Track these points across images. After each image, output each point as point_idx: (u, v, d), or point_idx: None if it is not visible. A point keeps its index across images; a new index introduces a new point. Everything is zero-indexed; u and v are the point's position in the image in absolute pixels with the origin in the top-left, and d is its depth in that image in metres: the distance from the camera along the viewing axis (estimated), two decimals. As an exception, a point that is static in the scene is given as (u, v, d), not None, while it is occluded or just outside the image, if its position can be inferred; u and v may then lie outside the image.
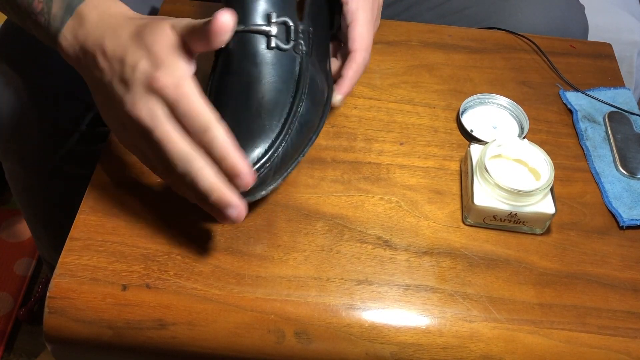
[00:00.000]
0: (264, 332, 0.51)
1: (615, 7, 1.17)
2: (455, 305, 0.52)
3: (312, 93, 0.56)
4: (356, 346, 0.51)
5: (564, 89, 0.71)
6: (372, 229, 0.57)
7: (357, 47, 0.59)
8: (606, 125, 0.67)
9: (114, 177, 0.59)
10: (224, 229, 0.56)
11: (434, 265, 0.55)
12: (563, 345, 0.51)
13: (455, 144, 0.64)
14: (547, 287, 0.54)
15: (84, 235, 0.54)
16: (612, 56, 0.76)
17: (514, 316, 0.52)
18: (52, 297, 0.51)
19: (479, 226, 0.58)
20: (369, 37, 0.60)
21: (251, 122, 0.53)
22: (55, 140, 0.75)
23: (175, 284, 0.52)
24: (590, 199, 0.61)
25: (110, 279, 0.52)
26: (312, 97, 0.56)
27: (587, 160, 0.64)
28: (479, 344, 0.51)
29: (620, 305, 0.53)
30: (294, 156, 0.54)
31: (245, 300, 0.51)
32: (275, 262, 0.54)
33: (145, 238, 0.54)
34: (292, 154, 0.54)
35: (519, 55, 0.74)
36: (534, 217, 0.56)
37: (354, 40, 0.59)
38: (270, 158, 0.52)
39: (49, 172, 0.79)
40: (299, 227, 0.56)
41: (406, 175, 0.61)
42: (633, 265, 0.56)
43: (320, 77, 0.58)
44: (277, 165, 0.52)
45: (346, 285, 0.53)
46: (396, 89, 0.69)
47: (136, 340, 0.51)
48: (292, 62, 0.55)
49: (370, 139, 0.64)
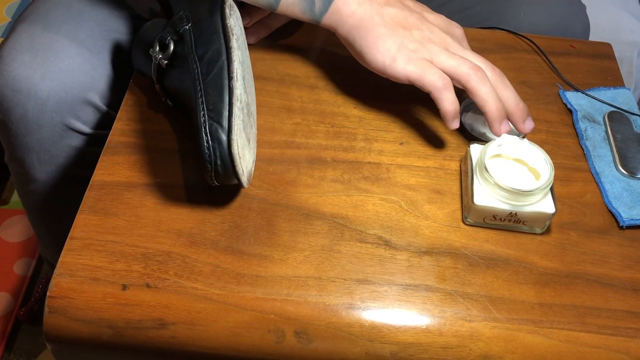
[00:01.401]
0: (264, 332, 0.51)
1: (615, 7, 1.17)
2: (455, 304, 0.52)
3: (198, 33, 0.58)
4: (356, 346, 0.51)
5: (564, 89, 0.71)
6: (372, 229, 0.57)
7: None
8: (606, 125, 0.67)
9: (114, 177, 0.59)
10: (224, 229, 0.56)
11: (434, 265, 0.55)
12: (563, 344, 0.51)
13: (455, 144, 0.64)
14: (547, 287, 0.54)
15: (84, 235, 0.54)
16: (612, 56, 0.76)
17: (514, 316, 0.52)
18: (52, 297, 0.51)
19: (479, 226, 0.58)
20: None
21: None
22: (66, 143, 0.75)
23: (175, 284, 0.52)
24: (590, 198, 0.61)
25: (110, 279, 0.52)
26: (200, 37, 0.57)
27: (587, 160, 0.64)
28: (479, 344, 0.51)
29: (620, 305, 0.53)
30: (222, 89, 0.54)
31: (245, 300, 0.52)
32: (275, 262, 0.54)
33: (145, 238, 0.55)
34: (218, 92, 0.54)
35: (519, 55, 0.74)
36: (534, 217, 0.56)
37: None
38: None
39: (58, 174, 0.79)
40: (299, 227, 0.56)
41: (406, 175, 0.61)
42: (633, 265, 0.56)
43: (203, 12, 0.59)
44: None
45: (346, 285, 0.53)
46: (396, 89, 0.69)
47: (136, 340, 0.51)
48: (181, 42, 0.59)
49: (370, 139, 0.64)
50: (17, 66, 0.70)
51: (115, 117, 0.64)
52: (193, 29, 0.58)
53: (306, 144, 0.63)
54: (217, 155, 0.53)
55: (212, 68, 0.55)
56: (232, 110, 0.53)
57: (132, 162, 0.60)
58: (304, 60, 0.71)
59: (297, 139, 0.63)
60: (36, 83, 0.70)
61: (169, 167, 0.60)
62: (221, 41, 0.56)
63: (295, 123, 0.65)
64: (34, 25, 0.73)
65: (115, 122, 0.63)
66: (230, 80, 0.54)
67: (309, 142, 0.63)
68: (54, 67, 0.71)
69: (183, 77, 0.58)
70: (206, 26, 0.58)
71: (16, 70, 0.70)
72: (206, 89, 0.54)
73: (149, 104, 0.65)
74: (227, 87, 0.54)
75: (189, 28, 0.59)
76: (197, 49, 0.57)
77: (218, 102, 0.53)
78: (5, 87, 0.71)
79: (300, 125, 0.65)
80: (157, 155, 0.60)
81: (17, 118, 0.72)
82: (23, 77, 0.70)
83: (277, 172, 0.60)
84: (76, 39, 0.72)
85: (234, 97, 0.53)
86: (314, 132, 0.64)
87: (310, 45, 0.73)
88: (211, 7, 0.59)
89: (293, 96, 0.67)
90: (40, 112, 0.72)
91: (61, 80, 0.71)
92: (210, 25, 0.57)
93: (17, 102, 0.71)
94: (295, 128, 0.64)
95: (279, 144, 0.63)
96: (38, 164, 0.78)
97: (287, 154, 0.62)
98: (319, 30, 0.66)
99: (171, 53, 0.59)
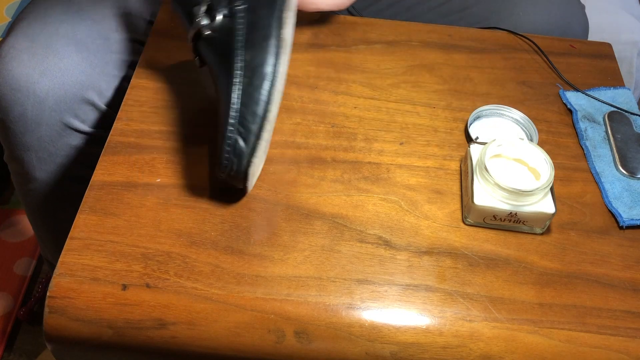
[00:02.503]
0: (264, 332, 0.51)
1: (615, 7, 1.17)
2: (455, 304, 0.52)
3: (252, 38, 0.55)
4: (356, 346, 0.51)
5: (564, 89, 0.71)
6: (372, 229, 0.57)
7: None
8: (606, 125, 0.67)
9: (114, 177, 0.59)
10: (224, 229, 0.56)
11: (434, 265, 0.55)
12: (563, 344, 0.51)
13: (455, 143, 0.64)
14: (547, 287, 0.54)
15: (84, 235, 0.54)
16: (612, 56, 0.76)
17: (514, 316, 0.52)
18: (53, 297, 0.51)
19: (479, 226, 0.58)
20: None
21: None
22: (65, 142, 0.75)
23: (175, 284, 0.52)
24: (590, 198, 0.61)
25: (110, 279, 0.52)
26: (252, 41, 0.55)
27: (587, 160, 0.64)
28: (479, 344, 0.51)
29: (620, 305, 0.53)
30: (261, 105, 0.53)
31: (245, 299, 0.52)
32: (275, 262, 0.54)
33: (145, 238, 0.55)
34: (256, 107, 0.53)
35: (519, 55, 0.74)
36: (534, 217, 0.56)
37: None
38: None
39: (57, 173, 0.79)
40: (299, 227, 0.56)
41: (406, 175, 0.61)
42: (633, 265, 0.56)
43: (262, 15, 0.56)
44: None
45: (346, 285, 0.53)
46: (396, 89, 0.69)
47: (136, 340, 0.51)
48: (230, 26, 0.56)
49: (370, 139, 0.64)
50: (16, 65, 0.70)
51: (115, 116, 0.64)
52: (247, 16, 0.56)
53: (306, 144, 0.63)
54: (234, 168, 0.53)
55: (255, 81, 0.53)
56: (261, 135, 0.53)
57: (132, 162, 0.60)
58: (304, 60, 0.71)
59: (297, 139, 0.63)
60: (35, 82, 0.70)
61: (169, 167, 0.60)
62: (272, 55, 0.54)
63: (295, 123, 0.65)
64: (33, 24, 0.73)
65: (115, 122, 0.63)
66: (268, 104, 0.53)
67: (309, 142, 0.63)
68: (53, 65, 0.71)
69: (220, 64, 0.55)
70: (262, 26, 0.55)
71: (15, 69, 0.70)
72: (243, 100, 0.53)
73: (149, 104, 0.65)
74: (264, 109, 0.53)
75: (243, 11, 0.56)
76: (247, 48, 0.54)
77: (250, 121, 0.53)
78: (4, 86, 0.71)
79: (300, 125, 0.65)
80: (157, 155, 0.60)
81: (16, 117, 0.72)
82: (22, 76, 0.70)
83: (277, 172, 0.60)
84: (75, 38, 0.72)
85: (266, 121, 0.53)
86: (314, 132, 0.64)
87: (310, 45, 0.73)
88: (270, 6, 0.56)
89: (293, 96, 0.67)
90: (39, 111, 0.72)
91: (60, 79, 0.71)
92: (266, 27, 0.55)
93: (16, 100, 0.71)
94: (295, 128, 0.64)
95: (279, 144, 0.63)
96: (37, 163, 0.78)
97: (287, 154, 0.62)
98: (318, 30, 0.66)
99: (217, 27, 0.56)
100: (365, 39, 0.74)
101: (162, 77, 0.67)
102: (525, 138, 0.64)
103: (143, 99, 0.65)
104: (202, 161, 0.60)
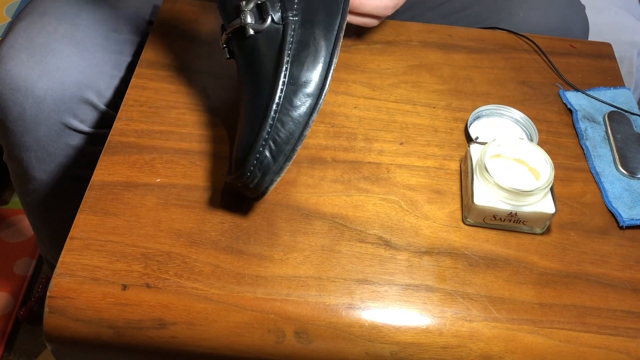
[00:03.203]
0: (264, 332, 0.51)
1: (615, 7, 1.17)
2: (455, 304, 0.52)
3: (301, 55, 0.53)
4: (356, 346, 0.51)
5: (564, 89, 0.71)
6: (372, 229, 0.57)
7: None
8: (606, 125, 0.67)
9: (114, 177, 0.59)
10: (224, 229, 0.56)
11: (434, 265, 0.55)
12: (563, 344, 0.51)
13: (455, 143, 0.64)
14: (547, 287, 0.54)
15: (84, 235, 0.54)
16: (612, 56, 0.76)
17: (514, 316, 0.52)
18: (52, 297, 0.51)
19: (479, 226, 0.58)
20: None
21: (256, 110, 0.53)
22: (64, 142, 0.75)
23: (175, 284, 0.52)
24: (590, 198, 0.61)
25: (110, 279, 0.52)
26: (301, 59, 0.53)
27: (587, 160, 0.64)
28: (479, 344, 0.51)
29: (620, 305, 0.53)
30: (297, 126, 0.52)
31: (245, 300, 0.52)
32: (275, 262, 0.54)
33: (145, 238, 0.55)
34: (293, 128, 0.52)
35: (519, 55, 0.74)
36: (534, 217, 0.56)
37: None
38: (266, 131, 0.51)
39: (56, 173, 0.79)
40: (299, 227, 0.56)
41: (406, 175, 0.61)
42: (633, 265, 0.56)
43: (316, 34, 0.55)
44: (280, 139, 0.51)
45: (346, 285, 0.53)
46: (396, 89, 0.69)
47: (136, 340, 0.51)
48: (276, 33, 0.54)
49: (370, 139, 0.64)
50: (14, 65, 0.70)
51: (114, 116, 0.64)
52: (300, 30, 0.54)
53: (306, 144, 0.63)
54: (255, 182, 0.52)
55: (297, 101, 0.52)
56: (291, 156, 0.52)
57: (132, 162, 0.60)
58: (304, 60, 0.71)
59: (297, 139, 0.63)
60: (34, 81, 0.70)
61: (169, 167, 0.60)
62: (320, 78, 0.52)
63: (295, 123, 0.65)
64: (31, 24, 0.73)
65: (115, 122, 0.63)
66: (305, 127, 0.52)
67: (309, 142, 0.63)
68: (52, 65, 0.70)
69: (258, 67, 0.53)
70: (314, 45, 0.53)
71: (14, 69, 0.70)
72: (280, 117, 0.51)
73: (149, 104, 0.65)
74: (300, 132, 0.52)
75: (295, 23, 0.54)
76: (294, 63, 0.52)
77: (284, 140, 0.51)
78: (3, 86, 0.71)
79: (300, 125, 0.65)
80: (157, 155, 0.60)
81: (14, 116, 0.72)
82: (21, 76, 0.70)
83: (277, 172, 0.60)
84: (74, 38, 0.72)
85: (300, 143, 0.52)
86: (313, 132, 0.64)
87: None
88: (327, 24, 0.54)
89: (293, 96, 0.67)
90: (37, 111, 0.72)
91: (59, 78, 0.71)
92: (319, 49, 0.53)
93: (15, 100, 0.71)
94: (295, 128, 0.64)
95: (279, 144, 0.63)
96: (36, 163, 0.78)
97: (287, 154, 0.62)
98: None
99: (264, 30, 0.55)
100: (365, 38, 0.74)
101: (161, 77, 0.67)
102: (525, 138, 0.65)
103: (143, 99, 0.65)
104: (203, 161, 0.60)
